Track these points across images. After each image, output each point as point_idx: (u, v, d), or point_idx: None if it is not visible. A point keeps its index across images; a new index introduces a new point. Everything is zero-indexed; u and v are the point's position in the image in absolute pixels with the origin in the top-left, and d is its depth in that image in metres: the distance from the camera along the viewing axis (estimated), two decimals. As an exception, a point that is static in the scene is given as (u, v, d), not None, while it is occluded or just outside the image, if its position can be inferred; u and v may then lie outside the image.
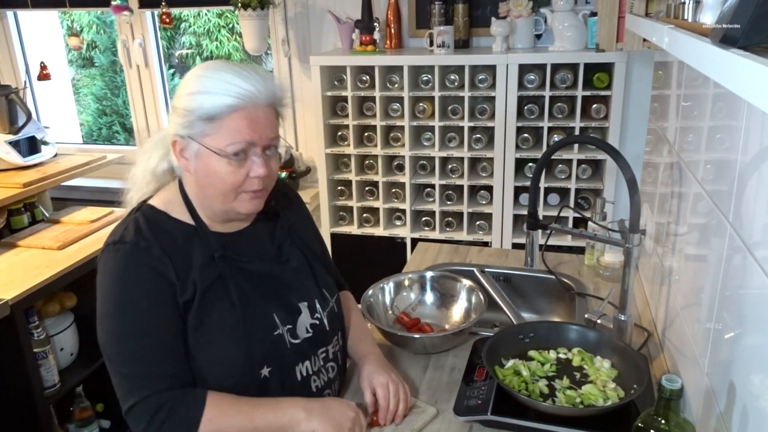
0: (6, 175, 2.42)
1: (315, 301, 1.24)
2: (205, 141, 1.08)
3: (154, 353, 1.08)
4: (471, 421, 1.20)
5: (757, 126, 0.84)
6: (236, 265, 1.16)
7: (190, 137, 1.09)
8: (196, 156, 1.10)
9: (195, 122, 1.07)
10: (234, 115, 1.07)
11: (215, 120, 1.07)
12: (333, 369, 1.26)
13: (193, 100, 1.07)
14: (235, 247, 1.18)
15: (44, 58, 3.04)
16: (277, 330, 1.16)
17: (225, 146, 1.07)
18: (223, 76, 1.08)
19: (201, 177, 1.12)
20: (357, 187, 2.66)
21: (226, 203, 1.13)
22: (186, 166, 1.12)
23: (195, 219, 1.16)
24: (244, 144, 1.08)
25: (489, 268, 1.79)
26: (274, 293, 1.19)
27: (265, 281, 1.19)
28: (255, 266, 1.19)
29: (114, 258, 1.10)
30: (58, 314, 2.19)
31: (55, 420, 2.15)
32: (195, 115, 1.07)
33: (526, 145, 2.43)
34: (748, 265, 0.84)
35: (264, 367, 1.14)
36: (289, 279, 1.23)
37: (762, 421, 0.79)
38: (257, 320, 1.15)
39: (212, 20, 5.28)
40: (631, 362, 1.25)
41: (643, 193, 1.62)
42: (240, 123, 1.07)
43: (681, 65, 1.35)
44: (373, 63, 2.45)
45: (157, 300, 1.08)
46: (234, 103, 1.06)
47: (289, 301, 1.21)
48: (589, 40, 2.33)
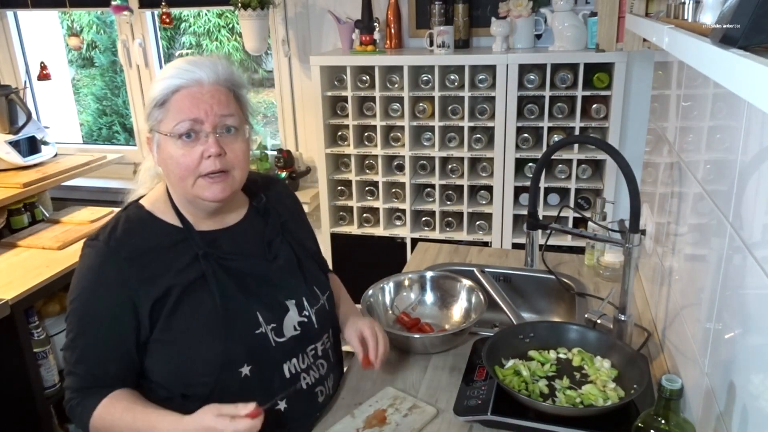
0: (6, 175, 2.42)
1: (303, 298, 1.24)
2: (159, 127, 1.11)
3: (86, 354, 1.13)
4: (471, 421, 1.20)
5: (757, 126, 0.84)
6: (220, 263, 1.16)
7: (153, 129, 1.13)
8: (158, 146, 1.13)
9: (152, 112, 1.11)
10: (177, 96, 1.09)
11: (164, 104, 1.10)
12: (323, 366, 1.27)
13: (149, 93, 1.13)
14: (221, 245, 1.19)
15: (44, 58, 3.04)
16: (259, 329, 1.16)
17: (173, 127, 1.09)
18: (174, 63, 1.12)
19: (163, 165, 1.14)
20: (357, 187, 2.66)
21: (187, 189, 1.13)
22: (157, 160, 1.15)
23: (180, 218, 1.17)
24: (190, 122, 1.09)
25: (489, 268, 1.79)
26: (258, 291, 1.19)
27: (250, 279, 1.19)
28: (240, 264, 1.19)
29: (87, 254, 1.15)
30: (58, 314, 2.19)
31: (55, 420, 2.15)
32: (150, 105, 1.11)
33: (526, 145, 2.43)
34: (748, 265, 0.84)
35: (244, 365, 1.14)
36: (276, 277, 1.23)
37: (762, 421, 0.79)
38: (238, 318, 1.15)
39: (212, 20, 5.28)
40: (631, 362, 1.25)
41: (643, 193, 1.62)
42: (183, 102, 1.09)
43: (681, 65, 1.35)
44: (373, 63, 2.45)
45: (108, 306, 1.12)
46: (176, 84, 1.09)
47: (276, 299, 1.21)
48: (589, 40, 2.33)
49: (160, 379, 1.15)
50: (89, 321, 1.13)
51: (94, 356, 1.13)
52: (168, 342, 1.13)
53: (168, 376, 1.15)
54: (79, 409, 1.14)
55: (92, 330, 1.13)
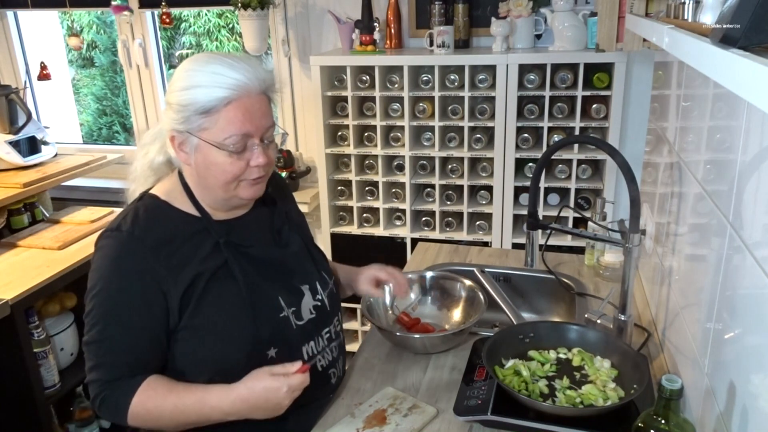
0: (6, 175, 2.42)
1: (316, 283, 1.29)
2: (203, 135, 1.10)
3: (114, 345, 1.12)
4: (471, 421, 1.20)
5: (757, 126, 0.84)
6: (240, 250, 1.19)
7: (188, 132, 1.11)
8: (196, 149, 1.12)
9: (191, 117, 1.09)
10: (229, 107, 1.08)
11: (211, 113, 1.08)
12: (336, 348, 1.31)
13: (187, 95, 1.09)
14: (238, 234, 1.21)
15: (44, 58, 3.04)
16: (282, 312, 1.20)
17: (223, 139, 1.09)
18: (213, 68, 1.09)
19: (201, 169, 1.14)
20: (357, 187, 2.66)
21: (228, 192, 1.16)
22: (185, 159, 1.14)
23: (198, 208, 1.19)
24: (242, 137, 1.10)
25: (489, 268, 1.79)
26: (277, 277, 1.23)
27: (269, 265, 1.22)
28: (258, 251, 1.22)
29: (108, 245, 1.14)
30: (58, 314, 2.19)
31: (55, 420, 2.15)
32: (190, 110, 1.09)
33: (526, 145, 2.43)
34: (748, 265, 0.84)
35: (271, 348, 1.17)
36: (291, 262, 1.27)
37: (762, 421, 0.79)
38: (263, 303, 1.18)
39: (212, 20, 5.28)
40: (631, 362, 1.25)
41: (643, 193, 1.62)
42: (235, 114, 1.09)
43: (681, 65, 1.35)
44: (373, 63, 2.45)
45: (136, 295, 1.11)
46: (227, 95, 1.08)
47: (292, 284, 1.25)
48: (589, 40, 2.33)
49: (187, 366, 1.17)
50: (119, 310, 1.12)
51: (125, 344, 1.12)
52: (198, 328, 1.14)
53: (197, 362, 1.16)
54: (112, 400, 1.12)
55: (123, 318, 1.12)
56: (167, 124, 1.14)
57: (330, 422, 1.23)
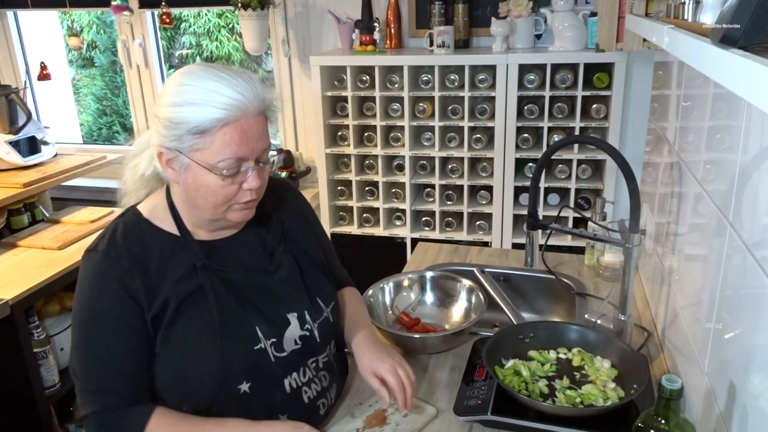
0: (6, 175, 2.42)
1: (305, 312, 1.18)
2: (194, 156, 1.03)
3: (108, 370, 1.07)
4: (471, 421, 1.20)
5: (757, 126, 0.84)
6: (219, 275, 1.11)
7: (178, 150, 1.03)
8: (186, 169, 1.05)
9: (183, 136, 1.01)
10: (225, 129, 1.01)
11: (205, 134, 1.01)
12: (326, 378, 1.22)
13: (179, 113, 1.01)
14: (221, 256, 1.14)
15: (44, 58, 3.04)
16: (258, 344, 1.11)
17: (216, 162, 1.02)
18: (209, 84, 1.01)
19: (191, 190, 1.07)
20: (357, 187, 2.66)
21: (217, 214, 1.09)
22: (174, 177, 1.07)
23: (180, 228, 1.12)
24: (236, 160, 1.03)
25: (489, 268, 1.79)
26: (258, 305, 1.14)
27: (250, 292, 1.14)
28: (239, 276, 1.14)
29: (85, 267, 1.09)
30: (58, 314, 2.19)
31: (55, 420, 2.15)
32: (182, 129, 1.01)
33: (526, 145, 2.43)
34: (748, 265, 0.84)
35: (243, 382, 1.10)
36: (278, 289, 1.17)
37: (762, 421, 0.79)
38: (236, 334, 1.10)
39: (212, 20, 5.28)
40: (631, 362, 1.25)
41: (643, 193, 1.62)
42: (231, 137, 1.01)
43: (681, 65, 1.35)
44: (373, 63, 2.45)
45: (118, 316, 1.06)
46: (223, 116, 1.00)
47: (277, 312, 1.16)
48: (589, 40, 2.33)
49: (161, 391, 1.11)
50: (103, 333, 1.07)
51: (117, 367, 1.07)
52: (165, 355, 1.09)
53: (167, 388, 1.11)
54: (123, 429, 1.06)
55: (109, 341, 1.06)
56: (155, 138, 1.06)
57: (330, 422, 1.23)
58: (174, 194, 1.13)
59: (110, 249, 1.08)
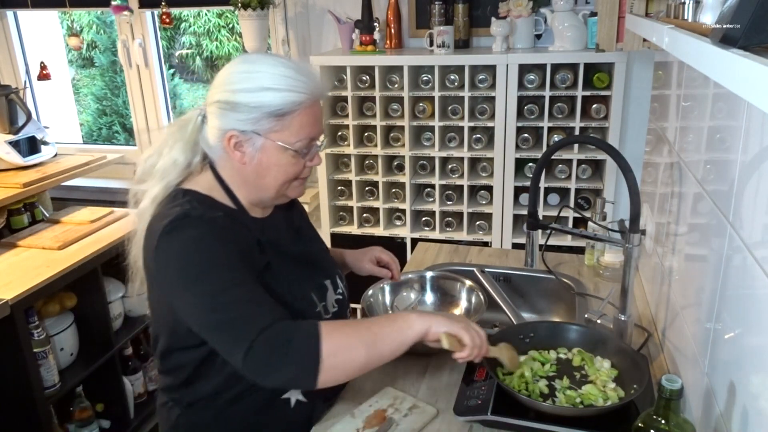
0: (6, 175, 2.42)
1: (336, 277, 1.33)
2: (272, 136, 1.12)
3: (258, 295, 1.06)
4: (471, 421, 1.20)
5: (757, 126, 0.84)
6: (276, 248, 1.21)
7: (255, 132, 1.11)
8: (261, 150, 1.13)
9: (261, 119, 1.10)
10: (302, 111, 1.11)
11: (285, 116, 1.11)
12: None
13: (258, 97, 1.10)
14: (271, 232, 1.23)
15: (44, 58, 3.04)
16: (317, 307, 1.24)
17: (294, 142, 1.13)
18: (281, 71, 1.11)
19: (262, 168, 1.15)
20: (357, 187, 2.66)
21: (280, 191, 1.19)
22: (241, 159, 1.14)
23: (236, 204, 1.19)
24: (310, 140, 1.15)
25: (489, 268, 1.79)
26: (308, 273, 1.26)
27: (301, 262, 1.25)
28: (291, 248, 1.25)
29: (185, 230, 1.08)
30: (58, 314, 2.19)
31: (55, 420, 2.15)
32: (262, 111, 1.10)
33: (526, 145, 2.43)
34: (748, 265, 0.84)
35: None
36: (317, 259, 1.31)
37: (762, 421, 0.79)
38: (301, 299, 1.21)
39: (212, 20, 5.28)
40: (631, 362, 1.25)
41: (643, 193, 1.62)
42: (308, 119, 1.13)
43: (681, 65, 1.35)
44: (373, 63, 2.45)
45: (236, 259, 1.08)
46: (302, 99, 1.11)
47: (319, 280, 1.28)
48: (589, 40, 2.33)
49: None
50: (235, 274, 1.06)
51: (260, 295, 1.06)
52: None
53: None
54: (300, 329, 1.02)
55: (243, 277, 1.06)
56: (220, 122, 1.12)
57: (330, 422, 1.23)
58: (226, 176, 1.19)
59: (205, 212, 1.11)
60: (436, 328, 1.09)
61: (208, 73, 5.62)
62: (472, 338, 1.11)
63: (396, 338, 1.07)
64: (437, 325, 1.09)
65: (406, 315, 1.12)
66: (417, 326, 1.08)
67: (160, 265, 1.09)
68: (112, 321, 2.35)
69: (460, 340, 1.11)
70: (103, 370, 2.31)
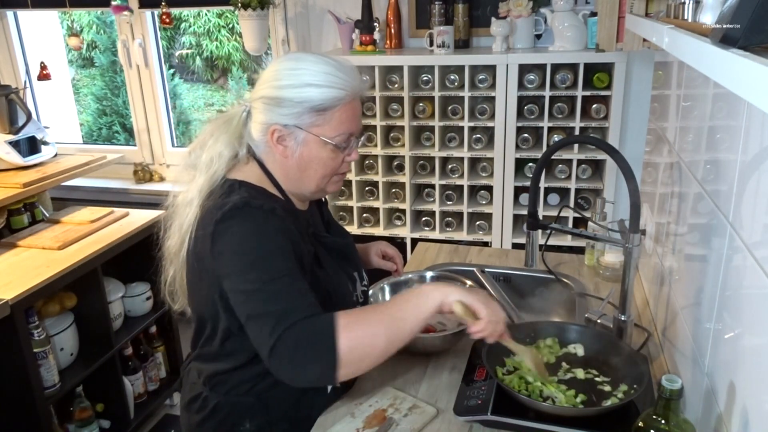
0: (6, 175, 2.42)
1: (361, 269, 1.39)
2: (313, 130, 1.17)
3: (297, 290, 1.09)
4: (471, 421, 1.20)
5: (757, 126, 0.84)
6: (320, 240, 1.27)
7: (298, 127, 1.16)
8: (303, 143, 1.18)
9: (304, 114, 1.15)
10: (342, 107, 1.17)
11: (326, 111, 1.15)
12: None
13: (302, 93, 1.14)
14: (312, 224, 1.30)
15: (44, 58, 3.04)
16: (353, 296, 1.31)
17: (333, 136, 1.17)
18: (323, 68, 1.16)
19: (303, 162, 1.20)
20: (357, 187, 2.66)
21: (320, 185, 1.23)
22: (282, 152, 1.19)
23: (284, 196, 1.24)
24: (349, 135, 1.20)
25: (489, 268, 1.79)
26: (342, 264, 1.32)
27: (337, 253, 1.31)
28: (329, 241, 1.31)
29: (245, 218, 1.11)
30: (58, 314, 2.19)
31: (55, 420, 2.15)
32: (305, 106, 1.15)
33: (526, 145, 2.43)
34: (748, 265, 0.84)
35: None
36: (347, 251, 1.37)
37: (762, 421, 0.79)
38: (342, 288, 1.27)
39: (212, 20, 5.28)
40: (631, 362, 1.25)
41: (643, 193, 1.62)
42: (347, 114, 1.17)
43: (681, 65, 1.35)
44: (373, 63, 2.45)
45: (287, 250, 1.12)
46: (342, 96, 1.16)
47: (350, 271, 1.34)
48: (589, 40, 2.33)
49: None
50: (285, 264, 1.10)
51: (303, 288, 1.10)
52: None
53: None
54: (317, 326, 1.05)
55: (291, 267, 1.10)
56: (265, 117, 1.18)
57: (330, 422, 1.23)
58: (273, 170, 1.23)
59: (264, 203, 1.14)
60: (451, 297, 1.10)
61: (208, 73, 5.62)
62: (488, 313, 1.11)
63: (415, 315, 1.09)
64: (453, 294, 1.10)
65: (420, 289, 1.14)
66: (433, 297, 1.10)
67: (217, 249, 1.12)
68: (112, 321, 2.35)
69: (476, 312, 1.11)
70: (103, 370, 2.31)
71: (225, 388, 1.24)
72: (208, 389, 1.26)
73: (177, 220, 1.24)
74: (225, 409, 1.24)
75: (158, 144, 3.29)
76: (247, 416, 1.24)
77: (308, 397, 1.25)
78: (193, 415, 1.28)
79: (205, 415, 1.25)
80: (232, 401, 1.24)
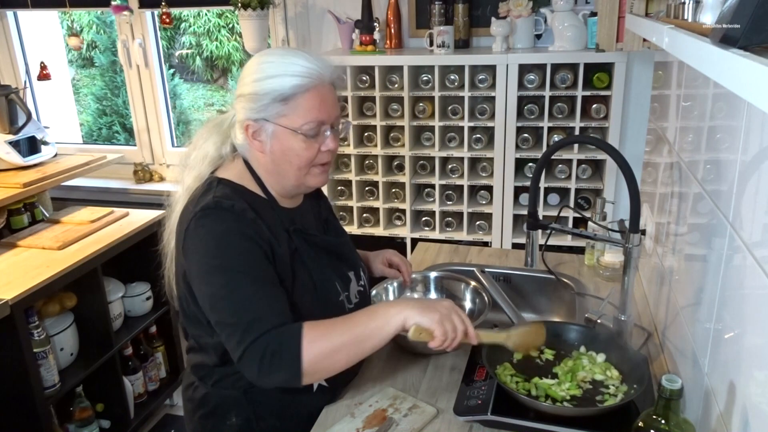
0: (6, 175, 2.42)
1: (360, 269, 1.37)
2: (280, 121, 1.16)
3: (261, 300, 1.11)
4: (471, 421, 1.20)
5: (757, 126, 0.84)
6: (305, 238, 1.25)
7: (265, 119, 1.16)
8: (273, 136, 1.17)
9: (269, 105, 1.15)
10: (306, 95, 1.15)
11: (289, 100, 1.14)
12: None
13: (264, 84, 1.14)
14: (300, 221, 1.27)
15: (44, 58, 3.04)
16: (340, 296, 1.27)
17: (301, 125, 1.16)
18: (288, 59, 1.15)
19: (277, 155, 1.19)
20: (357, 187, 2.66)
21: (300, 178, 1.21)
22: (260, 147, 1.19)
23: (266, 194, 1.23)
24: (318, 123, 1.17)
25: (489, 268, 1.79)
26: (333, 263, 1.30)
27: (327, 252, 1.29)
28: (318, 239, 1.29)
29: (215, 220, 1.14)
30: (58, 314, 2.19)
31: (55, 420, 2.15)
32: (269, 98, 1.14)
33: (526, 145, 2.43)
34: (748, 265, 0.84)
35: None
36: (342, 250, 1.35)
37: (762, 421, 0.79)
38: (327, 288, 1.25)
39: (212, 20, 5.28)
40: (631, 362, 1.25)
41: (643, 193, 1.62)
42: (312, 103, 1.15)
43: (681, 65, 1.35)
44: (373, 63, 2.45)
45: (256, 255, 1.13)
46: (305, 83, 1.14)
47: (343, 270, 1.32)
48: (589, 40, 2.33)
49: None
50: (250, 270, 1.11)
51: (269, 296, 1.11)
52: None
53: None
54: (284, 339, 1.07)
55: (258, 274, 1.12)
56: (241, 114, 1.18)
57: (330, 422, 1.23)
58: (256, 166, 1.24)
59: (234, 203, 1.15)
60: (410, 321, 1.12)
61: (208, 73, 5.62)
62: (444, 332, 1.12)
63: (378, 336, 1.12)
64: (412, 317, 1.12)
65: (384, 310, 1.14)
66: (394, 321, 1.12)
67: (188, 248, 1.15)
68: (112, 321, 2.35)
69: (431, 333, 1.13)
70: (103, 370, 2.31)
71: (211, 380, 1.27)
72: (197, 379, 1.30)
73: (171, 218, 1.27)
74: (213, 400, 1.27)
75: (158, 144, 3.29)
76: (234, 410, 1.26)
77: (294, 395, 1.25)
78: (186, 402, 1.33)
79: (196, 404, 1.29)
80: (219, 393, 1.26)
